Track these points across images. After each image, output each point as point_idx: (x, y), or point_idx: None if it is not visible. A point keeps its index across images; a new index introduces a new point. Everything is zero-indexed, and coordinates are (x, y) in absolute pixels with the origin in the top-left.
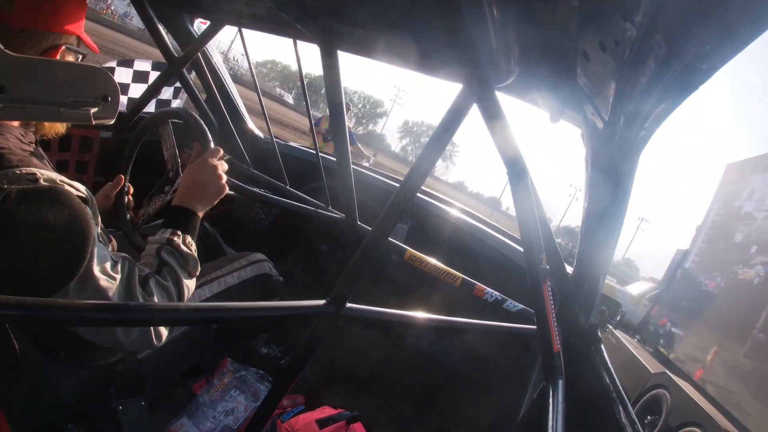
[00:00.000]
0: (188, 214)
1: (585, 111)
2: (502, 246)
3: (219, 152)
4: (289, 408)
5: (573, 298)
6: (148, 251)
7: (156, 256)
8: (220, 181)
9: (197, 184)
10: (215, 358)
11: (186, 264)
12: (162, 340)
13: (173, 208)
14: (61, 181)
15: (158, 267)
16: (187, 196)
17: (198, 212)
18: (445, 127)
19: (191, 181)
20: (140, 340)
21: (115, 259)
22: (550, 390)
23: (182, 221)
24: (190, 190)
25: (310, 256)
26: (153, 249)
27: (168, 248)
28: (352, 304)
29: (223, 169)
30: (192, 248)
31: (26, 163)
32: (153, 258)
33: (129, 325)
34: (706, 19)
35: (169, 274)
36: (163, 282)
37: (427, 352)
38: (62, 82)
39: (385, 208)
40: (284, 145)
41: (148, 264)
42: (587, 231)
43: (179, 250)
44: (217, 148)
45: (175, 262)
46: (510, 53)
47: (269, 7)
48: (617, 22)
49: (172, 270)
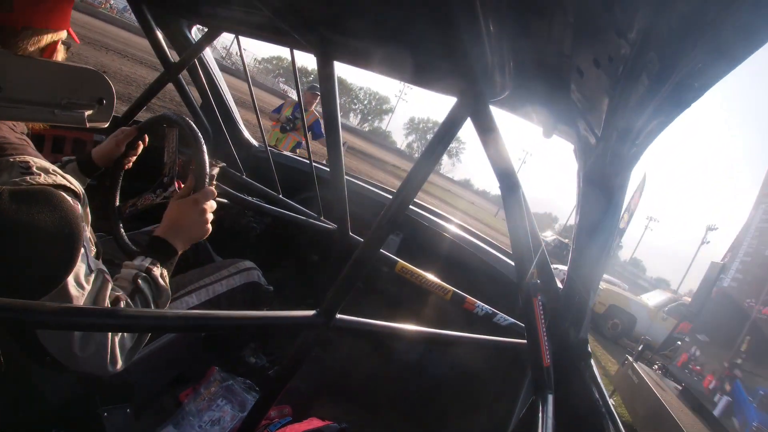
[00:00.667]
0: (169, 250)
1: (578, 126)
2: (493, 260)
3: (213, 195)
4: (277, 419)
5: (563, 313)
6: (124, 275)
7: (132, 282)
8: (205, 225)
9: (183, 222)
10: (202, 367)
11: (159, 296)
12: (117, 367)
13: (156, 239)
14: (53, 170)
15: (131, 293)
16: (171, 230)
17: (178, 250)
18: (439, 140)
19: (177, 217)
20: (94, 360)
21: (92, 268)
22: (539, 404)
23: (162, 254)
24: (175, 225)
25: (301, 266)
26: (130, 275)
27: (145, 276)
28: (342, 316)
29: (211, 210)
30: (166, 281)
31: (20, 152)
32: (128, 283)
33: (117, 330)
34: (699, 37)
35: (140, 302)
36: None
37: (417, 364)
38: (58, 84)
39: (377, 220)
40: (278, 154)
41: (122, 287)
42: (578, 246)
43: (156, 282)
44: (212, 191)
45: (149, 291)
46: (505, 68)
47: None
48: (611, 39)
49: (145, 299)
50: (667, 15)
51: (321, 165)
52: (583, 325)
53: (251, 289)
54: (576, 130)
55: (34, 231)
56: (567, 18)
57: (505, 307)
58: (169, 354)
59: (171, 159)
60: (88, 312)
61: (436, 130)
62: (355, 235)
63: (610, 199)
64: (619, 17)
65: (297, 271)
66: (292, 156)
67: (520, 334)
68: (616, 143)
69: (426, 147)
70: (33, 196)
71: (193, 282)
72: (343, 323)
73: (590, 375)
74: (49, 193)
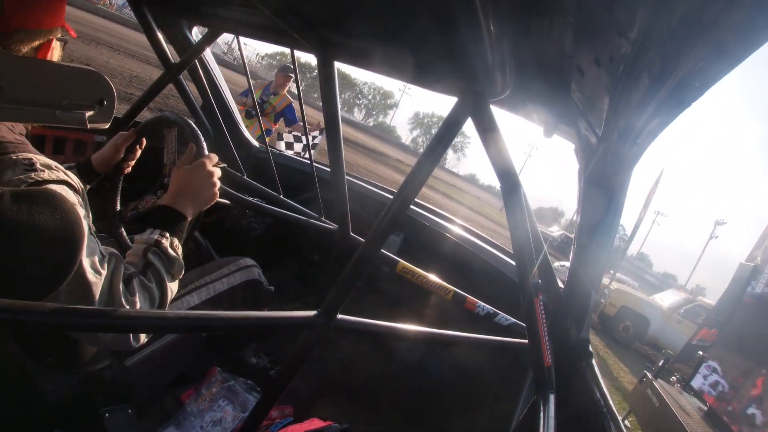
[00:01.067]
0: (177, 216)
1: (579, 126)
2: (494, 259)
3: (215, 159)
4: (278, 419)
5: (565, 313)
6: (135, 251)
7: (142, 257)
8: (213, 188)
9: (190, 187)
10: (204, 368)
11: (171, 267)
12: (140, 341)
13: (162, 208)
14: (56, 167)
15: (143, 268)
16: (179, 197)
17: (188, 216)
18: (439, 140)
19: (184, 182)
20: (118, 338)
21: (104, 253)
22: (540, 404)
23: (170, 223)
24: (182, 191)
25: (302, 266)
26: (140, 249)
27: (155, 250)
28: (343, 316)
29: (217, 176)
30: (178, 251)
31: (22, 150)
32: (139, 258)
33: (117, 331)
34: (700, 36)
35: (153, 276)
36: (147, 283)
37: (418, 364)
38: (59, 85)
39: (378, 220)
40: (279, 155)
41: (133, 263)
42: (579, 245)
43: (166, 254)
44: (213, 155)
45: (160, 264)
46: (505, 67)
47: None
48: (612, 38)
49: (157, 272)
50: (667, 14)
51: (321, 165)
52: (584, 324)
53: (252, 286)
54: (577, 129)
55: (36, 230)
56: (567, 17)
57: (507, 306)
58: (170, 355)
59: (171, 160)
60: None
61: (437, 131)
62: (356, 235)
63: (611, 198)
64: (619, 16)
65: (298, 271)
66: (292, 156)
67: (521, 334)
68: (617, 143)
69: (427, 147)
70: (34, 196)
71: (194, 281)
72: (344, 323)
73: (591, 374)
74: (49, 193)
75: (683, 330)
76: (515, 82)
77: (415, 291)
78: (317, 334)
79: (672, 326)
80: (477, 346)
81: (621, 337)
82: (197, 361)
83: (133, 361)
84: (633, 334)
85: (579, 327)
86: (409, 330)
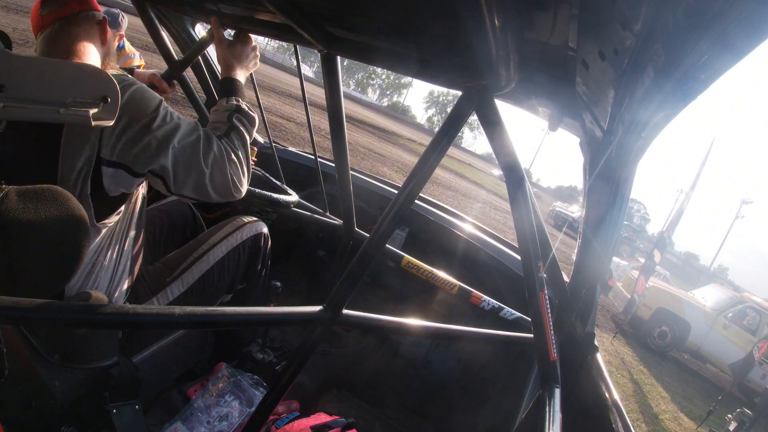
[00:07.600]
0: (237, 83)
1: (583, 119)
2: (499, 254)
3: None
4: (284, 414)
5: (570, 307)
6: (219, 119)
7: (227, 122)
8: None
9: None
10: (210, 363)
11: (252, 124)
12: (241, 191)
13: (225, 80)
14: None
15: (227, 130)
16: (232, 68)
17: (242, 81)
18: (444, 133)
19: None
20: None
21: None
22: (546, 398)
23: (236, 88)
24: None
25: (307, 261)
26: (224, 116)
27: (238, 115)
28: (348, 311)
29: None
30: (249, 107)
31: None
32: (224, 124)
33: (123, 328)
34: (705, 29)
35: (236, 137)
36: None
37: (424, 359)
38: (62, 82)
39: (383, 215)
40: (283, 150)
41: (218, 128)
42: (585, 239)
43: (246, 113)
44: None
45: (241, 125)
46: (510, 61)
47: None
48: (616, 31)
49: (239, 134)
50: (672, 6)
51: (326, 160)
52: (589, 318)
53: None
54: (582, 123)
55: (42, 227)
56: (572, 10)
57: (512, 301)
58: (177, 351)
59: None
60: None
61: (441, 124)
62: (360, 230)
63: (616, 191)
64: (624, 9)
65: (303, 266)
66: (297, 152)
67: (526, 329)
68: (622, 136)
69: (432, 141)
70: (40, 194)
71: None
72: (349, 318)
73: (597, 369)
74: (54, 190)
75: (731, 337)
76: (519, 76)
77: (421, 286)
78: (323, 329)
79: (717, 332)
80: (482, 340)
81: (656, 344)
82: (203, 357)
83: (140, 357)
84: (671, 340)
85: (584, 321)
86: (415, 325)
